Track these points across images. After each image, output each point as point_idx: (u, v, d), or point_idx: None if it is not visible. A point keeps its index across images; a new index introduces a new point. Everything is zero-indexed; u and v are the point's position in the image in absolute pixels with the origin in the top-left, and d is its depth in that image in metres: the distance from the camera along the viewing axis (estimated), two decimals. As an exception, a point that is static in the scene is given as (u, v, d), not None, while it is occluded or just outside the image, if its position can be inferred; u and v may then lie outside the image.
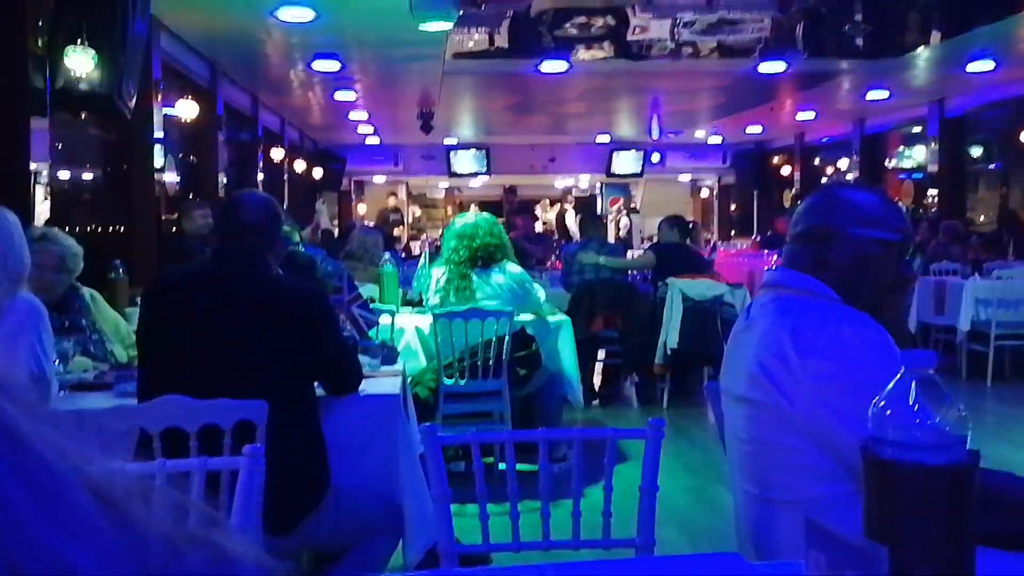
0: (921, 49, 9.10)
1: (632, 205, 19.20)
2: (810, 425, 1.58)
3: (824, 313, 1.63)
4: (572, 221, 17.31)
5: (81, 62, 4.53)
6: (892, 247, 1.74)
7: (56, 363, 2.88)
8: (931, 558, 1.01)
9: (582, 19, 9.04)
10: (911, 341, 8.09)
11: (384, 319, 4.26)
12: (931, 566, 1.01)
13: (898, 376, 1.04)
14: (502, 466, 2.10)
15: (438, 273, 4.93)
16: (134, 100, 5.02)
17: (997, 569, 1.20)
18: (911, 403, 1.03)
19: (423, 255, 6.14)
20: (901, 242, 1.75)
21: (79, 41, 4.52)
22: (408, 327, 4.73)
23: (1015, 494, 1.34)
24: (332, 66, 8.48)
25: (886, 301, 1.77)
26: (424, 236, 13.74)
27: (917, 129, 12.92)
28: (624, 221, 18.40)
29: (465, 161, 17.51)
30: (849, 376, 1.49)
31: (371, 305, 4.24)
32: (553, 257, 9.83)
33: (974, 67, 9.46)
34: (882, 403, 1.05)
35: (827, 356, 1.55)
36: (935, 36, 8.90)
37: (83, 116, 5.31)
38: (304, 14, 6.45)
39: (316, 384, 2.65)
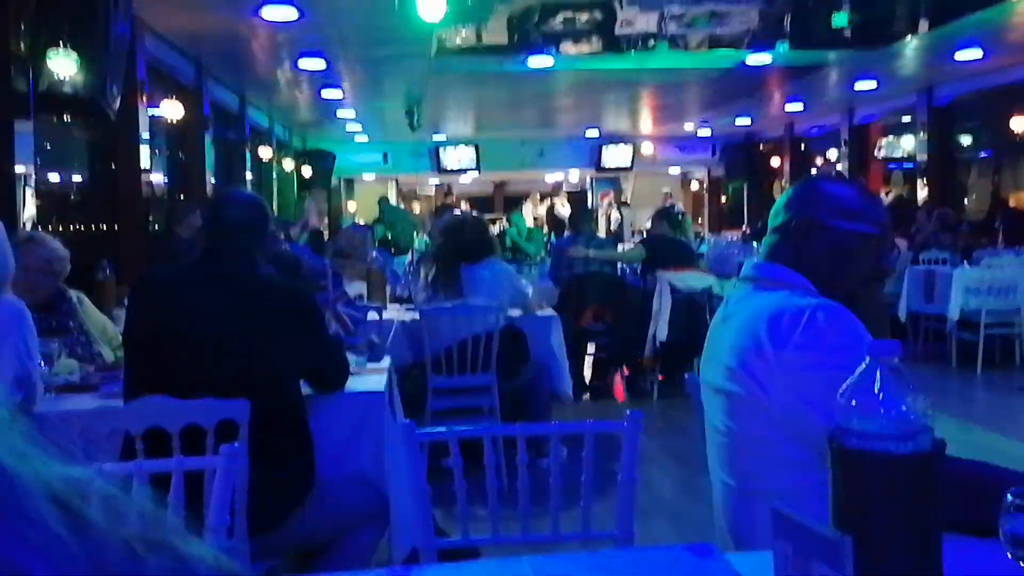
0: (909, 38, 9.11)
1: (622, 198, 19.19)
2: (785, 416, 1.58)
3: (800, 305, 1.64)
4: (562, 215, 17.29)
5: (64, 64, 4.52)
6: (870, 240, 1.74)
7: (42, 365, 2.88)
8: (897, 546, 1.02)
9: (569, 13, 9.03)
10: (900, 331, 8.12)
11: (371, 316, 4.26)
12: (897, 554, 1.02)
13: (863, 366, 1.05)
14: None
15: (426, 269, 4.93)
16: (118, 101, 5.01)
17: (965, 555, 1.21)
18: (876, 392, 1.04)
19: (411, 252, 6.14)
20: (879, 235, 1.76)
21: (61, 43, 4.50)
22: (396, 323, 4.73)
23: (982, 481, 1.35)
24: (318, 64, 8.47)
25: (864, 293, 1.78)
26: (415, 232, 13.73)
27: (906, 118, 12.95)
28: (615, 215, 18.39)
29: (454, 157, 17.50)
30: (823, 367, 1.50)
31: (358, 303, 4.24)
32: (543, 252, 9.83)
33: (962, 55, 9.48)
34: (848, 393, 1.06)
35: (801, 347, 1.56)
36: (923, 25, 8.91)
37: (68, 118, 5.29)
38: (288, 13, 6.44)
39: (302, 381, 2.65)
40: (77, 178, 6.59)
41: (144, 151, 6.60)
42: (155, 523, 0.46)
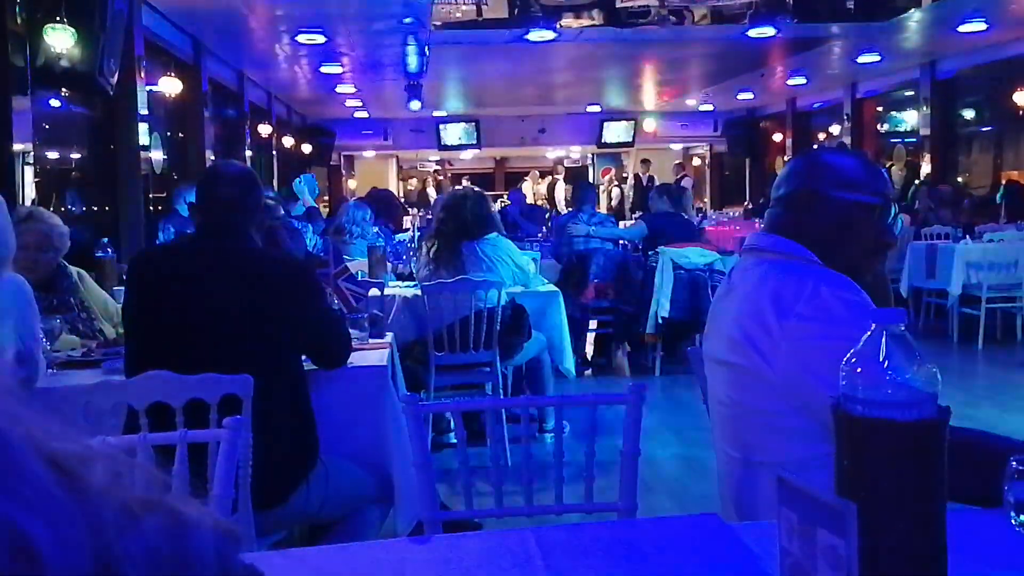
0: (912, 11, 9.04)
1: (624, 175, 19.15)
2: (789, 387, 1.58)
3: (804, 276, 1.63)
4: (563, 192, 17.27)
5: (61, 39, 4.49)
6: (873, 210, 1.74)
7: (43, 341, 2.88)
8: (901, 514, 1.02)
9: (569, -13, 8.95)
10: (902, 306, 8.12)
11: (373, 292, 4.25)
12: (901, 522, 1.02)
13: (868, 334, 1.05)
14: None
15: (427, 245, 4.92)
16: (116, 77, 4.98)
17: (968, 524, 1.21)
18: (881, 360, 1.03)
19: (412, 228, 6.13)
20: (881, 205, 1.75)
21: (58, 19, 4.47)
22: (398, 299, 4.73)
23: (987, 450, 1.35)
24: (317, 39, 8.42)
25: (867, 264, 1.77)
26: (415, 210, 13.71)
27: (909, 92, 12.88)
28: (616, 191, 18.36)
29: (455, 134, 17.44)
30: (827, 337, 1.49)
31: (359, 278, 4.23)
32: (544, 229, 9.82)
33: (966, 28, 9.41)
34: (853, 360, 1.05)
35: (805, 318, 1.56)
36: (926, -2, 8.84)
37: (66, 94, 5.27)
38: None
39: (304, 357, 2.65)
40: (75, 156, 6.57)
41: (143, 128, 6.57)
42: (154, 485, 0.46)
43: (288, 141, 13.73)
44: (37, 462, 0.39)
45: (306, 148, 15.33)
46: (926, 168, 11.94)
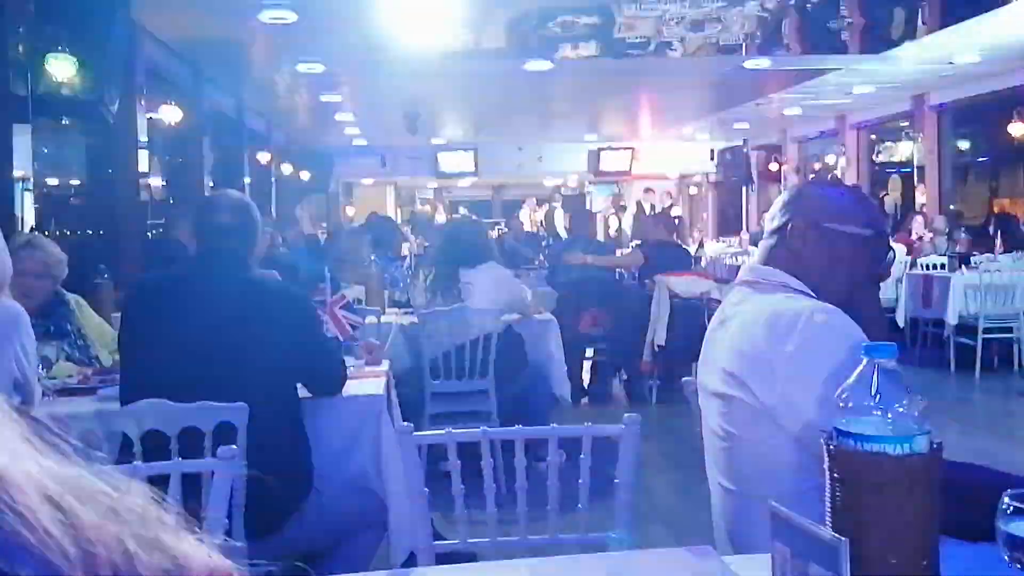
0: (906, 44, 9.13)
1: (621, 203, 19.22)
2: (782, 419, 1.59)
3: (797, 308, 1.64)
4: (560, 220, 17.33)
5: (63, 68, 4.52)
6: (865, 242, 1.75)
7: (40, 368, 2.88)
8: (894, 548, 1.02)
9: (567, 18, 9.03)
10: (899, 336, 8.13)
11: (370, 319, 4.26)
12: (894, 556, 1.02)
13: (860, 368, 1.06)
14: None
15: (424, 273, 4.94)
16: (117, 105, 5.01)
17: (962, 558, 1.21)
18: (873, 394, 1.04)
19: (409, 256, 6.14)
20: (874, 237, 1.77)
21: (60, 47, 4.51)
22: (395, 327, 4.73)
23: (979, 485, 1.35)
24: (316, 68, 8.48)
25: (859, 295, 1.78)
26: (413, 237, 13.73)
27: (904, 123, 12.98)
28: (614, 219, 18.41)
29: (453, 161, 17.51)
30: (819, 370, 1.50)
31: (356, 307, 4.24)
32: (541, 256, 9.84)
33: (960, 60, 9.50)
34: (845, 395, 1.06)
35: (799, 350, 1.57)
36: (921, 30, 8.92)
37: (66, 122, 5.30)
38: (286, 16, 6.44)
39: (300, 385, 2.65)
40: (75, 182, 6.59)
41: (142, 155, 6.60)
42: (149, 521, 0.46)
43: (287, 168, 13.78)
44: (34, 499, 0.40)
45: (304, 175, 15.38)
46: (920, 198, 12.00)
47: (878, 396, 1.04)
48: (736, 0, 8.55)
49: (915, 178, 12.35)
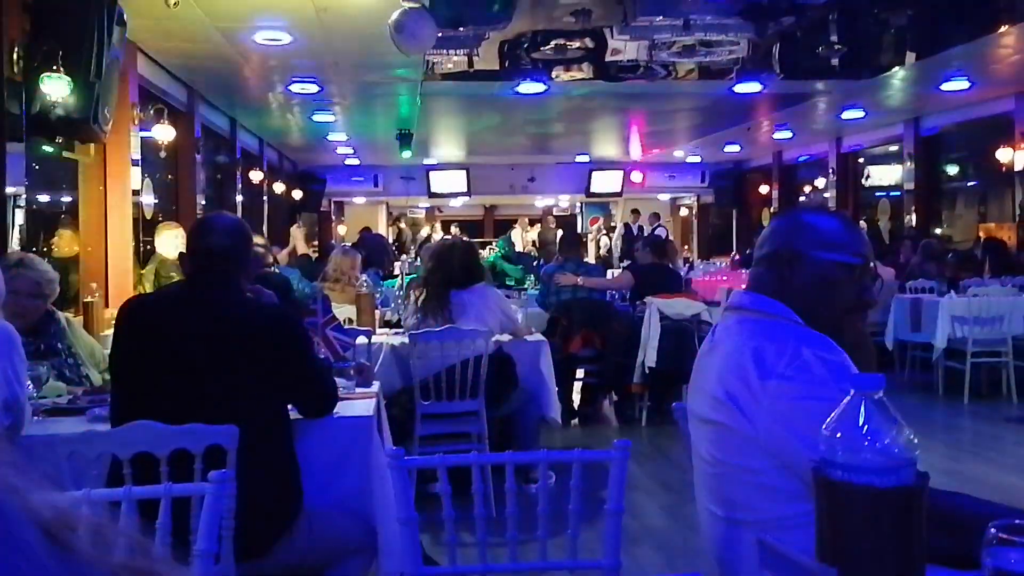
0: (896, 69, 9.22)
1: (612, 224, 19.29)
2: (771, 446, 1.60)
3: (786, 335, 1.66)
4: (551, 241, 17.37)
5: (57, 88, 4.53)
6: (853, 270, 1.77)
7: (30, 388, 2.87)
8: (881, 578, 1.03)
9: (560, 41, 9.09)
10: (887, 360, 8.16)
11: (361, 340, 4.26)
12: (881, 586, 1.03)
13: (848, 399, 1.07)
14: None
15: (415, 294, 4.94)
16: (110, 124, 5.02)
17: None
18: (861, 425, 1.05)
19: (401, 276, 6.15)
20: (862, 265, 1.79)
21: (55, 67, 4.52)
22: (385, 348, 4.74)
23: (966, 514, 1.36)
24: (310, 89, 8.51)
25: (847, 323, 1.80)
26: (404, 257, 13.74)
27: (893, 148, 13.08)
28: (604, 240, 18.47)
29: (445, 181, 17.54)
30: (808, 398, 1.52)
31: (347, 327, 4.24)
32: (532, 277, 9.85)
33: (949, 86, 9.60)
34: (832, 425, 1.07)
35: (787, 377, 1.58)
36: (910, 56, 9.01)
37: (59, 140, 5.30)
38: (280, 37, 6.48)
39: (290, 407, 2.65)
40: (66, 199, 6.58)
41: (135, 173, 6.60)
42: (142, 552, 0.46)
43: (279, 187, 13.80)
44: (30, 532, 0.40)
45: (297, 194, 15.40)
46: (910, 222, 12.08)
47: (866, 428, 1.05)
48: (727, 26, 8.63)
49: (904, 202, 12.44)
